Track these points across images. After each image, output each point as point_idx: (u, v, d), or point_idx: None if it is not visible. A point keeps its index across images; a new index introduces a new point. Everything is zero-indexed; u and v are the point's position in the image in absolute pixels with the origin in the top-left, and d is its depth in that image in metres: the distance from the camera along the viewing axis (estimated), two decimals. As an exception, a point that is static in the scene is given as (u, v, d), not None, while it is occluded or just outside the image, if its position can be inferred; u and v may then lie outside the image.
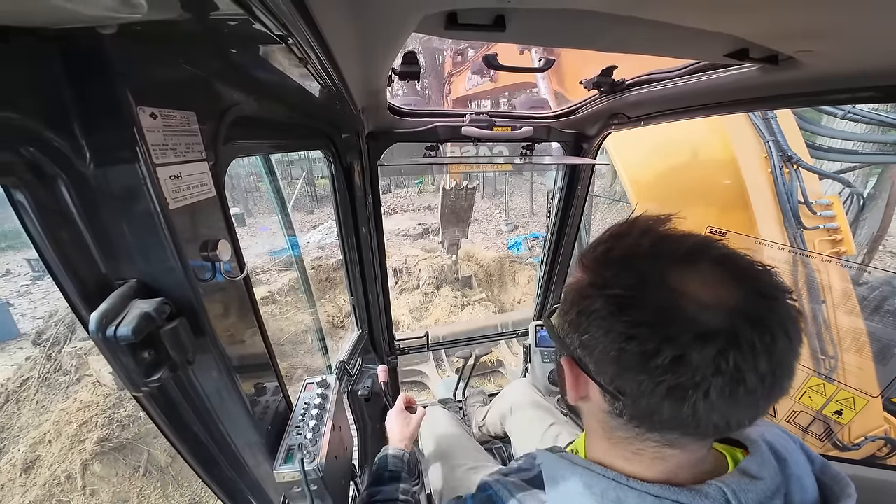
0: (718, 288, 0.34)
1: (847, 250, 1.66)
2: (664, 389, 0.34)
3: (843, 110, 1.84)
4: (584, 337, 0.39)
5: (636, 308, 0.36)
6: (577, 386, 0.44)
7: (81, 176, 0.37)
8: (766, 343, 0.33)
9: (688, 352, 0.33)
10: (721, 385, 0.33)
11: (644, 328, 0.35)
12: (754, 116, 1.67)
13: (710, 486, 0.38)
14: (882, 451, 1.77)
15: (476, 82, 4.24)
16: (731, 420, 0.36)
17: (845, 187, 2.35)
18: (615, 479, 0.41)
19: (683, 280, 0.35)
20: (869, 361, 1.60)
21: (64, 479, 3.46)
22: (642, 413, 0.38)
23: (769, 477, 0.38)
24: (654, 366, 0.34)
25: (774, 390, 0.35)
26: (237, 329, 0.58)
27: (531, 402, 1.47)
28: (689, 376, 0.33)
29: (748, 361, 0.32)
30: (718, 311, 0.33)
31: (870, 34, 0.52)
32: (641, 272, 0.37)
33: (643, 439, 0.41)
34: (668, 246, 0.39)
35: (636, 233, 0.41)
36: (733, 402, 0.34)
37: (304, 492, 0.67)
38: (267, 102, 0.66)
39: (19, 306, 7.17)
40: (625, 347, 0.35)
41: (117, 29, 0.32)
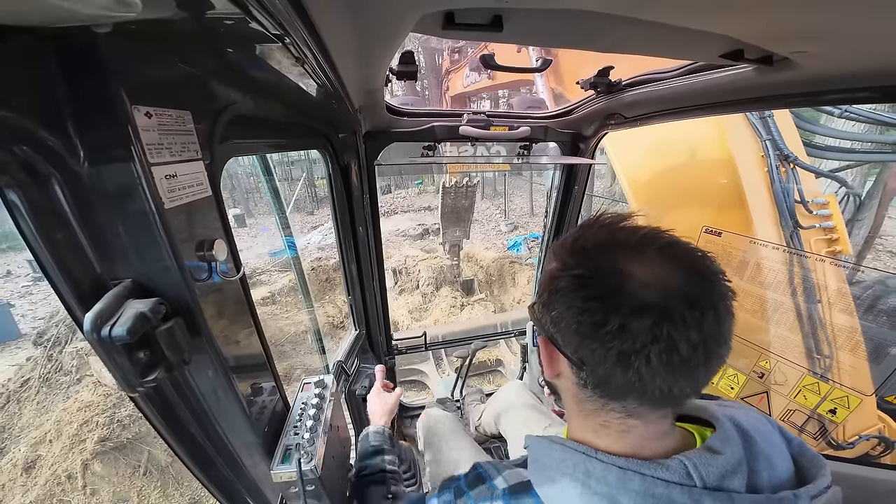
0: (658, 270, 0.40)
1: (843, 249, 1.67)
2: (614, 355, 0.40)
3: (839, 109, 1.85)
4: (553, 314, 0.46)
5: (591, 286, 0.42)
6: (551, 362, 0.50)
7: (75, 175, 0.37)
8: (695, 317, 0.38)
9: (628, 321, 0.38)
10: (658, 351, 0.38)
11: (595, 302, 0.41)
12: (751, 115, 1.67)
13: (673, 460, 0.41)
14: (876, 450, 1.78)
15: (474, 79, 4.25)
16: (674, 387, 0.40)
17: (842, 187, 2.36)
18: (585, 452, 0.46)
19: (630, 263, 0.41)
20: (863, 360, 1.61)
21: (65, 478, 3.47)
22: (601, 380, 0.43)
23: (730, 452, 0.41)
24: (604, 333, 0.40)
25: (710, 359, 0.40)
26: (233, 329, 0.58)
27: (525, 404, 1.48)
28: (631, 343, 0.39)
29: (679, 332, 0.38)
30: (655, 289, 0.39)
31: (863, 35, 0.52)
32: (598, 257, 0.44)
33: (608, 410, 0.46)
34: (620, 236, 0.45)
35: (597, 226, 0.48)
36: (671, 368, 0.39)
37: (302, 492, 0.67)
38: (263, 101, 0.66)
39: (20, 307, 7.17)
40: (581, 319, 0.42)
41: (112, 28, 0.32)
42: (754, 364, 1.77)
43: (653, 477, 0.40)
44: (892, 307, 1.97)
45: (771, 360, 1.73)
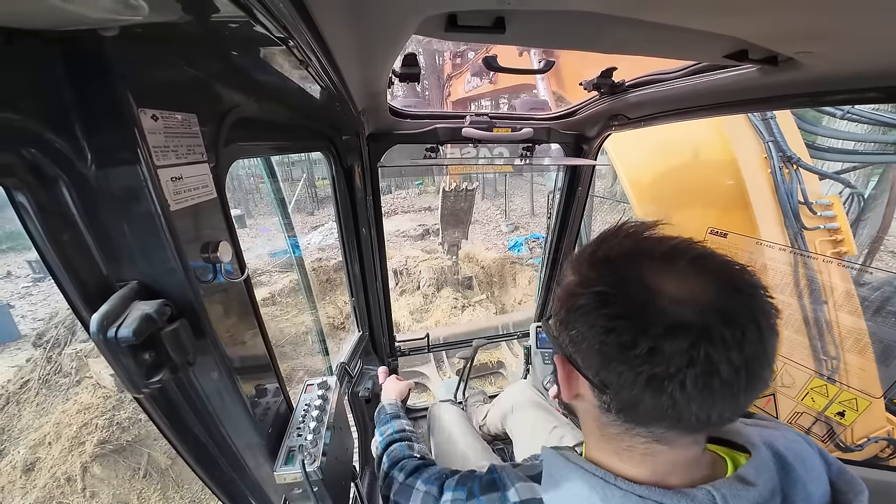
0: (692, 284, 0.37)
1: (848, 250, 1.65)
2: (643, 380, 0.36)
3: (842, 110, 1.84)
4: (573, 332, 0.42)
5: (615, 303, 0.38)
6: (569, 383, 0.47)
7: (83, 177, 0.38)
8: (736, 336, 0.34)
9: (660, 343, 0.35)
10: (695, 376, 0.34)
11: (622, 321, 0.37)
12: (753, 117, 1.67)
13: (699, 490, 0.38)
14: (885, 452, 1.76)
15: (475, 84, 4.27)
16: (712, 413, 0.37)
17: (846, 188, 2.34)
18: (603, 477, 0.43)
19: (660, 277, 0.37)
20: (871, 363, 1.59)
21: (64, 480, 3.46)
22: (627, 405, 0.40)
23: (763, 483, 0.38)
24: (633, 356, 0.36)
25: (752, 382, 0.36)
26: (238, 330, 0.58)
27: (532, 403, 1.47)
28: (665, 367, 0.35)
29: (720, 353, 0.34)
30: (690, 306, 0.35)
31: (870, 35, 0.52)
32: (622, 270, 0.40)
33: (633, 434, 0.42)
34: (648, 246, 0.41)
35: (620, 236, 0.44)
36: (709, 393, 0.35)
37: (306, 493, 0.67)
38: (268, 104, 0.67)
39: (20, 308, 7.17)
40: (605, 340, 0.38)
41: (119, 31, 0.32)
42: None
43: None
44: (900, 308, 1.95)
45: (778, 362, 1.71)
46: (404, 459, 0.82)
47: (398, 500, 0.72)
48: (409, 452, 0.85)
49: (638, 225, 0.44)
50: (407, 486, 0.72)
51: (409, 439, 0.90)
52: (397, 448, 0.87)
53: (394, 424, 0.96)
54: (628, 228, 0.45)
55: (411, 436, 0.92)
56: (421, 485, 0.70)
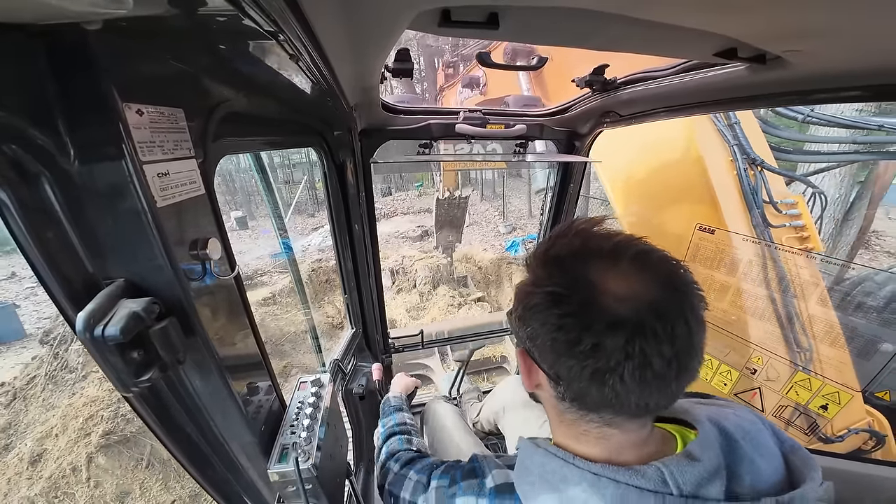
0: (632, 282, 0.39)
1: (814, 247, 1.73)
2: (588, 373, 0.39)
3: (803, 114, 1.91)
4: (529, 329, 0.45)
5: (565, 302, 0.41)
6: (529, 375, 0.50)
7: (66, 174, 0.37)
8: (667, 331, 0.37)
9: (602, 339, 0.38)
10: (632, 368, 0.38)
11: (569, 319, 0.40)
12: (719, 122, 1.74)
13: (649, 467, 0.41)
14: (868, 444, 1.81)
15: (467, 95, 4.33)
16: (650, 401, 0.41)
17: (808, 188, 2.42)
18: (563, 458, 0.46)
19: (604, 276, 0.40)
20: (846, 355, 1.65)
21: (70, 471, 3.53)
22: (577, 395, 0.43)
23: (708, 458, 0.41)
24: (579, 352, 0.39)
25: (682, 372, 0.39)
26: (228, 329, 0.58)
27: (523, 402, 1.48)
28: (605, 361, 0.38)
29: (652, 347, 0.37)
30: (629, 303, 0.38)
31: (857, 34, 0.53)
32: (571, 270, 0.43)
33: (587, 420, 0.46)
34: (594, 245, 0.44)
35: (570, 234, 0.46)
36: (645, 384, 0.39)
37: (299, 491, 0.67)
38: (257, 99, 0.66)
39: (25, 308, 7.23)
40: (556, 337, 0.41)
41: (103, 24, 0.31)
42: (747, 360, 1.80)
43: (627, 484, 0.40)
44: (879, 304, 2.01)
45: (763, 356, 1.75)
46: (401, 451, 0.84)
47: (392, 489, 0.74)
48: (407, 446, 0.87)
49: (587, 222, 0.47)
50: (401, 475, 0.75)
51: (408, 433, 0.92)
52: (396, 441, 0.89)
53: (395, 417, 0.99)
54: (577, 226, 0.47)
55: (411, 430, 0.94)
56: (413, 474, 0.72)
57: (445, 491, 0.61)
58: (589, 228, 0.46)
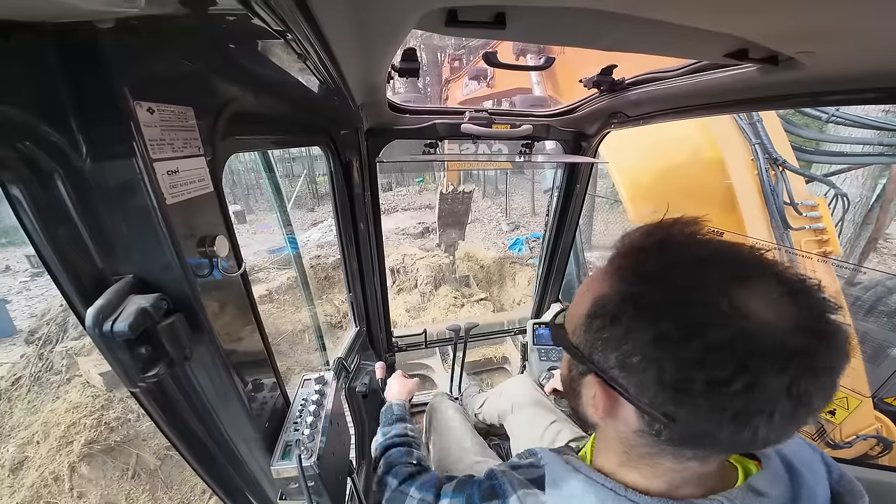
0: (785, 308, 0.32)
1: (833, 250, 1.69)
2: (729, 416, 0.32)
3: (827, 113, 1.87)
4: (633, 359, 0.36)
5: (706, 332, 0.32)
6: (606, 405, 0.40)
7: (78, 171, 0.37)
8: (830, 363, 0.32)
9: (763, 378, 0.31)
10: (789, 408, 0.32)
11: (716, 354, 0.32)
12: (741, 120, 1.70)
13: (711, 502, 0.37)
14: (875, 450, 1.79)
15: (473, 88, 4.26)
16: (782, 437, 0.35)
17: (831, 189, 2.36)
18: (613, 489, 0.41)
19: (749, 300, 0.33)
20: (859, 362, 1.62)
21: (52, 480, 3.44)
22: (693, 435, 0.36)
23: (777, 494, 0.38)
24: (723, 392, 0.32)
25: (825, 406, 0.34)
26: (235, 325, 0.58)
27: (532, 400, 1.48)
28: (761, 402, 0.32)
29: (816, 384, 0.32)
30: (795, 336, 0.31)
31: (871, 36, 0.52)
32: (705, 290, 0.34)
33: (666, 454, 0.39)
34: (724, 259, 0.36)
35: (680, 241, 0.39)
36: (793, 422, 0.33)
37: (302, 488, 0.68)
38: (265, 98, 0.66)
39: (17, 303, 7.10)
40: (691, 375, 0.33)
41: (115, 23, 0.31)
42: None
43: None
44: (891, 309, 1.97)
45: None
46: (399, 465, 0.81)
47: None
48: (407, 458, 0.84)
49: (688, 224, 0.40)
50: (400, 492, 0.72)
51: (409, 444, 0.89)
52: (395, 453, 0.86)
53: (397, 427, 0.95)
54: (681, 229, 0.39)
55: (412, 441, 0.91)
56: (415, 492, 0.69)
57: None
58: (695, 233, 0.38)
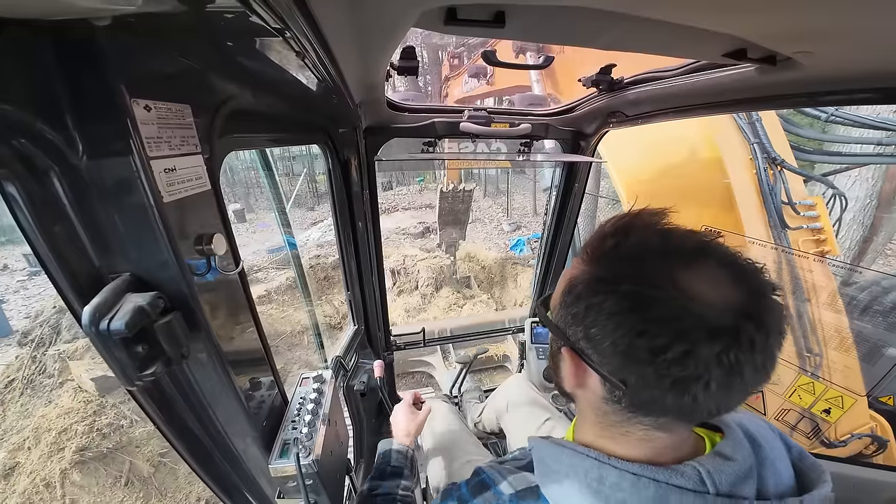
0: (723, 287, 0.37)
1: (831, 250, 1.69)
2: (669, 382, 0.37)
3: (826, 112, 1.86)
4: (592, 330, 0.41)
5: (650, 306, 0.37)
6: (576, 375, 0.46)
7: (74, 169, 0.37)
8: (762, 339, 0.36)
9: (696, 347, 0.35)
10: (721, 376, 0.36)
11: (655, 325, 0.37)
12: (739, 119, 1.70)
13: (686, 466, 0.40)
14: (869, 449, 1.80)
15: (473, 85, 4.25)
16: (723, 406, 0.40)
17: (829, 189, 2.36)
18: (597, 458, 0.44)
19: (691, 279, 0.37)
20: (855, 361, 1.63)
21: (43, 487, 3.39)
22: (642, 401, 0.41)
23: (742, 458, 0.41)
24: (662, 360, 0.36)
25: (764, 379, 0.39)
26: (232, 323, 0.58)
27: (527, 399, 1.48)
28: (694, 369, 0.36)
29: (747, 356, 0.36)
30: (725, 310, 0.36)
31: (869, 36, 0.52)
32: (651, 269, 0.39)
33: (633, 422, 0.44)
34: (674, 243, 0.41)
35: (641, 228, 0.43)
36: (730, 391, 0.37)
37: (299, 486, 0.68)
38: (263, 96, 0.66)
39: (14, 303, 7.02)
40: (636, 342, 0.37)
41: (112, 20, 0.31)
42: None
43: (667, 484, 0.39)
44: (886, 308, 1.99)
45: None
46: None
47: None
48: None
49: (653, 214, 0.44)
50: None
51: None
52: None
53: (385, 486, 0.86)
54: (646, 219, 0.43)
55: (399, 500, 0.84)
56: None
57: None
58: (658, 222, 0.43)
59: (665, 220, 0.43)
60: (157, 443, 3.76)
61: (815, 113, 1.89)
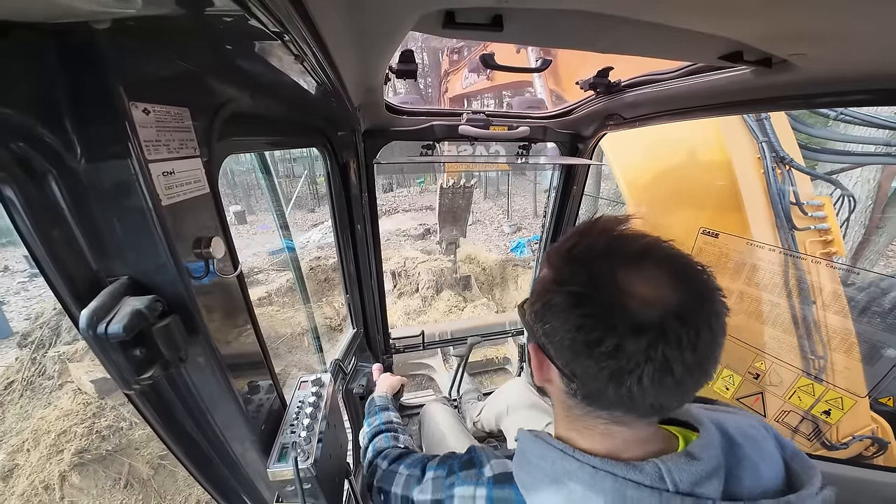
0: (657, 286, 0.39)
1: (838, 251, 1.68)
2: (606, 374, 0.40)
3: (835, 111, 1.86)
4: (546, 326, 0.45)
5: (587, 304, 0.41)
6: (541, 369, 0.50)
7: (72, 172, 0.37)
8: (690, 337, 0.38)
9: (624, 342, 0.38)
10: (651, 371, 0.38)
11: (591, 320, 0.40)
12: (748, 117, 1.68)
13: (648, 463, 0.42)
14: (870, 451, 1.80)
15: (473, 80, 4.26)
16: (664, 402, 0.42)
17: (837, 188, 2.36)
18: (563, 449, 0.47)
19: (630, 279, 0.40)
20: (857, 362, 1.62)
21: (42, 489, 3.38)
22: (591, 393, 0.44)
23: (708, 458, 0.41)
24: (598, 352, 0.39)
25: (700, 377, 0.40)
26: (230, 327, 0.58)
27: (528, 403, 1.48)
28: (626, 362, 0.38)
29: (675, 353, 0.37)
30: (653, 308, 0.38)
31: (863, 37, 0.53)
32: (595, 270, 0.42)
33: (594, 416, 0.46)
34: (620, 246, 0.43)
35: (595, 233, 0.46)
36: (662, 387, 0.39)
37: (298, 490, 0.67)
38: (262, 99, 0.66)
39: (14, 304, 6.99)
40: (575, 336, 0.41)
41: (111, 24, 0.31)
42: (749, 365, 1.78)
43: (624, 478, 0.41)
44: (886, 309, 1.99)
45: (766, 361, 1.74)
46: (388, 448, 0.84)
47: (381, 486, 0.74)
48: (394, 443, 0.87)
49: (612, 220, 0.47)
50: (390, 471, 0.74)
51: (394, 430, 0.92)
52: (382, 438, 0.89)
53: (381, 416, 0.98)
54: (604, 224, 0.47)
55: (397, 427, 0.94)
56: (403, 469, 0.72)
57: (443, 481, 0.62)
58: (614, 227, 0.45)
59: (623, 225, 0.46)
60: (157, 445, 3.74)
61: (823, 111, 1.88)
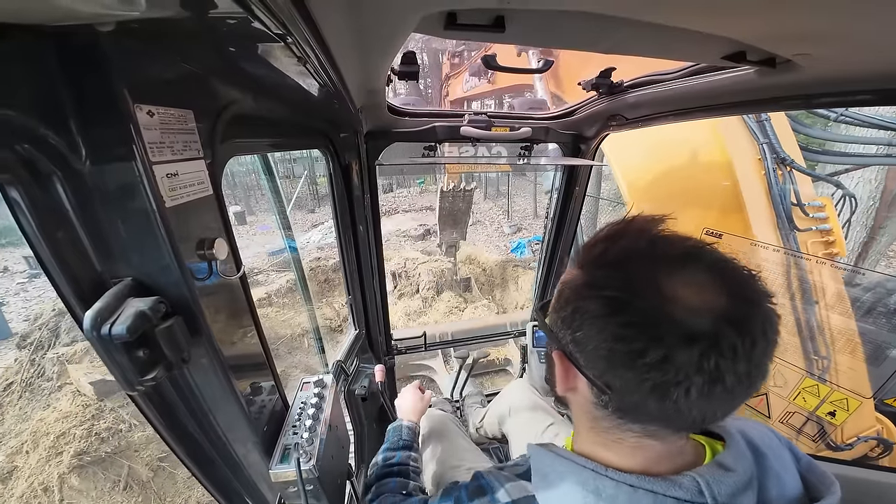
0: (706, 293, 0.36)
1: (839, 252, 1.68)
2: (649, 386, 0.37)
3: (836, 112, 1.86)
4: (578, 334, 0.41)
5: (628, 310, 0.37)
6: (566, 378, 0.47)
7: (77, 173, 0.37)
8: (746, 347, 0.35)
9: (672, 352, 0.35)
10: (701, 383, 0.35)
11: (632, 329, 0.37)
12: (748, 119, 1.68)
13: (684, 477, 0.39)
14: (875, 451, 1.78)
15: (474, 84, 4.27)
16: (708, 414, 0.39)
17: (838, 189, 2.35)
18: (594, 469, 0.43)
19: (674, 284, 0.37)
20: (861, 363, 1.61)
21: (41, 491, 3.37)
22: (627, 406, 0.41)
23: (742, 470, 0.40)
24: (642, 364, 0.36)
25: (749, 389, 0.38)
26: (233, 328, 0.58)
27: (530, 404, 1.47)
28: (673, 374, 0.35)
29: (728, 363, 0.35)
30: (704, 316, 0.35)
31: (868, 37, 0.52)
32: (635, 275, 0.39)
33: (624, 429, 0.43)
34: (662, 249, 0.40)
35: (632, 234, 0.43)
36: (711, 399, 0.36)
37: (300, 491, 0.67)
38: (265, 101, 0.66)
39: (13, 305, 6.97)
40: (615, 347, 0.38)
41: (115, 26, 0.32)
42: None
43: (664, 495, 0.38)
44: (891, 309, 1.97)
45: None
46: (388, 494, 0.81)
47: None
48: (400, 489, 0.84)
49: (649, 220, 0.43)
50: None
51: (406, 475, 0.89)
52: (390, 483, 0.85)
53: (400, 455, 0.93)
54: (640, 224, 0.43)
55: (411, 471, 0.90)
56: None
57: None
58: (651, 228, 0.42)
59: (660, 226, 0.42)
60: (156, 447, 3.75)
61: (823, 112, 1.88)
